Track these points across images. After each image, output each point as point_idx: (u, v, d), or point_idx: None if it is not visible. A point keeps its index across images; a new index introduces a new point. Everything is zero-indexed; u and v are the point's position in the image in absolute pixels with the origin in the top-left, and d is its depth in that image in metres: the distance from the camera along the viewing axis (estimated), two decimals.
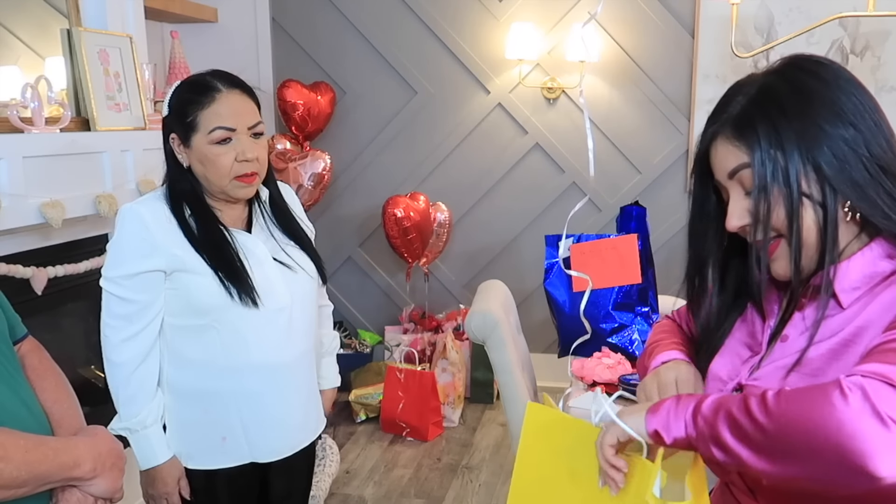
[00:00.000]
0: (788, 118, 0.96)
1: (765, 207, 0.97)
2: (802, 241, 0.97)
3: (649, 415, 0.94)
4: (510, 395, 2.04)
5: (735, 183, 1.01)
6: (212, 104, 1.47)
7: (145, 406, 1.51)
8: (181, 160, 1.52)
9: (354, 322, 4.14)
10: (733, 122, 1.00)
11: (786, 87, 0.98)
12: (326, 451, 2.91)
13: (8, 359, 1.18)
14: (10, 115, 2.16)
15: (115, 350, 1.50)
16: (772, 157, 0.96)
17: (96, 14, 2.63)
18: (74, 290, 2.48)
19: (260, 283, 1.51)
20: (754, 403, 0.86)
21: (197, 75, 1.54)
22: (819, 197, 0.95)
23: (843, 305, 0.97)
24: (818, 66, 1.00)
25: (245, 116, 1.49)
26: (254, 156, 1.49)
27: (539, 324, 3.74)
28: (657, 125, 3.66)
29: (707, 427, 0.88)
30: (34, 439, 1.08)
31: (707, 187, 1.08)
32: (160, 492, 1.55)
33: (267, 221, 1.62)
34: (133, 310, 1.48)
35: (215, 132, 1.46)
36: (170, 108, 1.52)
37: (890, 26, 3.31)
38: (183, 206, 1.51)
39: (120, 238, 1.48)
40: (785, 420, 0.82)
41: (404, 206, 3.61)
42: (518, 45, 3.51)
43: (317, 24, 3.86)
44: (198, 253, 1.48)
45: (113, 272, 1.48)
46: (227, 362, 1.53)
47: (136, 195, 2.41)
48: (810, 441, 0.80)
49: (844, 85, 0.98)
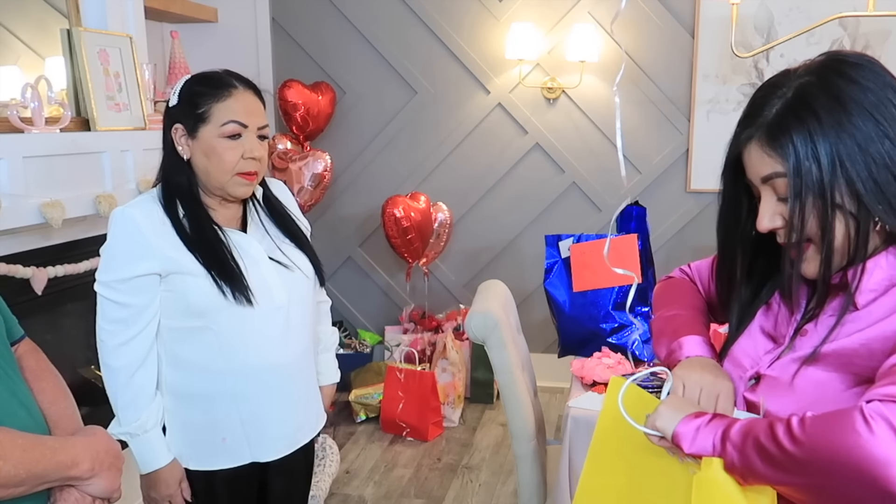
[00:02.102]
0: (825, 129, 0.94)
1: (799, 216, 0.97)
2: (834, 249, 0.98)
3: (686, 418, 1.00)
4: (510, 395, 2.03)
5: (767, 187, 1.00)
6: (227, 99, 1.48)
7: (145, 410, 1.50)
8: (181, 152, 1.51)
9: (354, 322, 4.14)
10: (768, 128, 0.98)
11: (822, 94, 0.96)
12: (326, 451, 2.91)
13: (6, 360, 1.18)
14: (10, 115, 2.16)
15: (111, 354, 1.49)
16: (807, 169, 0.95)
17: (96, 14, 2.63)
18: (74, 290, 2.48)
19: (256, 282, 1.51)
20: (781, 431, 0.90)
21: (211, 71, 1.54)
22: (852, 208, 0.95)
23: (859, 306, 0.98)
24: (857, 69, 0.97)
25: (256, 116, 1.51)
26: (259, 155, 1.50)
27: (539, 324, 3.74)
28: (657, 125, 3.66)
29: (737, 453, 0.93)
30: (32, 438, 1.08)
31: (738, 184, 1.08)
32: (163, 494, 1.55)
33: (262, 220, 1.62)
34: (128, 314, 1.47)
35: (228, 125, 1.47)
36: (179, 98, 1.51)
37: (890, 26, 3.30)
38: (177, 205, 1.51)
39: (112, 242, 1.48)
40: (812, 447, 0.87)
41: (404, 205, 3.61)
42: (518, 45, 3.51)
43: (317, 24, 3.86)
44: (191, 253, 1.47)
45: (107, 276, 1.47)
46: (225, 363, 1.53)
47: (136, 195, 2.40)
48: (839, 468, 0.85)
49: (882, 91, 0.96)
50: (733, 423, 0.96)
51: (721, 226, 1.14)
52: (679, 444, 0.98)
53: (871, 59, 0.99)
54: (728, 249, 1.15)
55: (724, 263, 1.17)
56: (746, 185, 1.06)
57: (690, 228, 3.68)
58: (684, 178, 3.66)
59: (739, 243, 1.12)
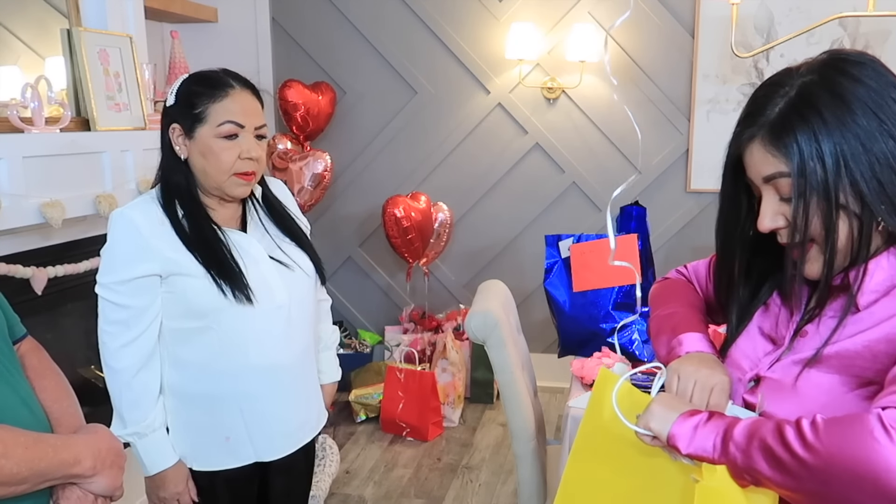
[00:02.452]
0: (829, 128, 0.94)
1: (802, 217, 0.96)
2: (837, 249, 0.97)
3: (680, 418, 0.98)
4: (510, 395, 2.03)
5: (769, 187, 0.99)
6: (224, 99, 1.47)
7: (151, 409, 1.51)
8: (178, 152, 1.51)
9: (354, 322, 4.14)
10: (771, 127, 0.97)
11: (826, 93, 0.95)
12: (326, 451, 2.91)
13: (8, 358, 1.18)
14: (10, 115, 2.16)
15: (114, 356, 1.49)
16: (812, 169, 0.94)
17: (96, 14, 2.63)
18: (74, 290, 2.48)
19: (256, 281, 1.51)
20: (791, 434, 0.88)
21: (208, 70, 1.53)
22: (856, 208, 0.95)
23: (860, 307, 0.98)
24: (859, 67, 0.96)
25: (253, 116, 1.50)
26: (257, 155, 1.50)
27: (539, 324, 3.74)
28: (657, 125, 3.66)
29: (740, 455, 0.92)
30: (34, 436, 1.08)
31: (738, 184, 1.07)
32: (172, 493, 1.55)
33: (262, 219, 1.62)
34: (129, 315, 1.47)
35: (225, 126, 1.47)
36: (177, 97, 1.51)
37: (890, 26, 3.30)
38: (175, 205, 1.51)
39: (112, 244, 1.48)
40: (827, 454, 0.85)
41: (404, 205, 3.61)
42: (518, 45, 3.51)
43: (317, 24, 3.86)
44: (190, 253, 1.47)
45: (107, 278, 1.47)
46: (227, 363, 1.53)
47: (136, 195, 2.41)
48: (853, 476, 0.83)
49: (885, 90, 0.95)
50: (735, 423, 0.94)
51: (720, 225, 1.13)
52: (675, 445, 0.97)
53: (873, 57, 0.99)
54: (727, 249, 1.14)
55: (723, 263, 1.16)
56: (746, 184, 1.05)
57: (690, 228, 3.68)
58: (684, 178, 3.67)
59: (738, 243, 1.11)
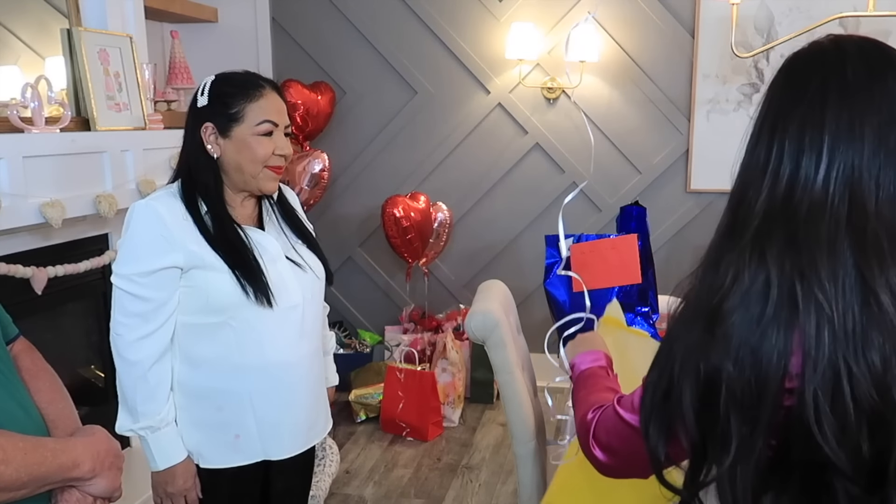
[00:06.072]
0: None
1: None
2: None
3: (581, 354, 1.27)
4: (510, 394, 2.03)
5: None
6: (259, 99, 1.52)
7: (165, 403, 1.51)
8: (211, 151, 1.52)
9: (354, 322, 4.14)
10: None
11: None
12: (326, 451, 2.91)
13: (3, 360, 1.18)
14: (10, 114, 2.16)
15: (129, 348, 1.47)
16: None
17: (96, 14, 2.63)
18: (74, 290, 2.48)
19: (274, 281, 1.52)
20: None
21: (234, 72, 1.57)
22: None
23: None
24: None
25: (284, 116, 1.56)
26: (289, 152, 1.56)
27: (539, 324, 3.72)
28: (657, 125, 3.66)
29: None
30: (33, 441, 1.08)
31: None
32: (180, 489, 1.54)
33: (277, 219, 1.64)
34: (149, 308, 1.47)
35: (263, 125, 1.51)
36: (209, 98, 1.52)
37: (890, 26, 3.30)
38: (198, 202, 1.52)
39: (135, 234, 1.48)
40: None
41: (404, 205, 3.61)
42: (518, 45, 3.51)
43: (317, 24, 3.86)
44: (214, 250, 1.48)
45: (127, 269, 1.46)
46: (241, 360, 1.53)
47: (136, 195, 2.41)
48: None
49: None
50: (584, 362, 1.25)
51: None
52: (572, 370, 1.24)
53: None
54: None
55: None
56: None
57: (690, 228, 3.68)
58: (684, 178, 3.66)
59: None
